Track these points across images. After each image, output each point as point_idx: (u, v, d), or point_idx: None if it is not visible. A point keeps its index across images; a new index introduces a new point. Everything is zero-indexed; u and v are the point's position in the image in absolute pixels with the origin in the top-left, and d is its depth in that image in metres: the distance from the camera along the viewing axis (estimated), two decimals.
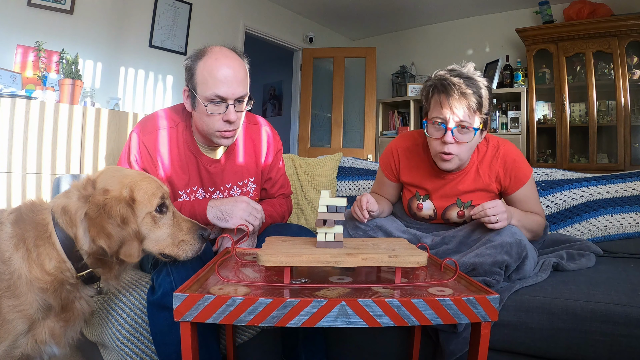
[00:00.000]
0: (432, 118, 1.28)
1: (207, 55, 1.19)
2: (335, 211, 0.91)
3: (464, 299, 0.76)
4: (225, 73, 1.17)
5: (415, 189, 1.46)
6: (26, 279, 0.84)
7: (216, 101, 1.18)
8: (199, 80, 1.18)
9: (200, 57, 1.20)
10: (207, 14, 3.95)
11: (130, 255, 0.90)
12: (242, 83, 1.20)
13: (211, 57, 1.19)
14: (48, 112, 2.31)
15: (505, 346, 1.17)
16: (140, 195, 0.94)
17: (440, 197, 1.41)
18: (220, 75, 1.16)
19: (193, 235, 1.01)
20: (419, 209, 1.45)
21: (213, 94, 1.17)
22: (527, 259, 1.22)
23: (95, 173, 0.98)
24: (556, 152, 3.86)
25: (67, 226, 0.88)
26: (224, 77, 1.16)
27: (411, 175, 1.46)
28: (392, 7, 4.65)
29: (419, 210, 1.46)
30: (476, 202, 1.36)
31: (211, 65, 1.17)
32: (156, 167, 1.28)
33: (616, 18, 3.57)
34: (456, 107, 1.23)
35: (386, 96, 5.29)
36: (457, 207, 1.41)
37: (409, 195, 1.48)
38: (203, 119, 1.21)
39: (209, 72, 1.17)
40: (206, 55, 1.20)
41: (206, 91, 1.17)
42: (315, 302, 0.74)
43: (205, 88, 1.17)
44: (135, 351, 1.18)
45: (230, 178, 1.37)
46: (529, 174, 1.34)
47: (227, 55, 1.20)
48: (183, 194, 1.32)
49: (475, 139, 1.29)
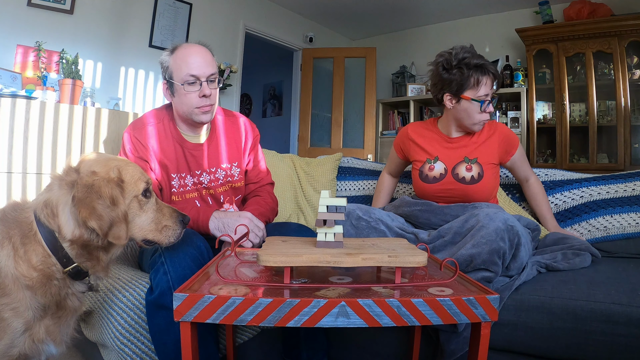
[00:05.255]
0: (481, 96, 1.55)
1: (178, 49, 1.39)
2: (335, 211, 0.91)
3: (464, 299, 0.76)
4: (195, 56, 1.36)
5: (425, 155, 1.68)
6: (13, 276, 0.84)
7: (191, 81, 1.35)
8: (174, 69, 1.37)
9: (172, 52, 1.40)
10: (207, 14, 3.95)
11: (119, 237, 0.90)
12: (210, 64, 1.39)
13: (181, 48, 1.39)
14: (48, 112, 2.31)
15: (505, 346, 1.17)
16: (128, 178, 0.95)
17: (450, 157, 1.64)
18: (191, 59, 1.35)
19: (175, 220, 1.03)
20: (431, 170, 1.64)
21: (187, 74, 1.34)
22: (521, 246, 1.25)
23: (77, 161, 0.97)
24: (556, 152, 3.86)
25: (49, 219, 0.88)
26: (194, 59, 1.35)
27: (423, 142, 1.71)
28: (392, 7, 4.65)
29: (430, 171, 1.64)
30: (481, 160, 1.59)
31: (182, 53, 1.37)
32: (149, 155, 1.39)
33: (616, 18, 3.57)
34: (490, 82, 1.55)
35: (386, 96, 5.29)
36: (465, 163, 1.60)
37: (419, 165, 1.69)
38: (182, 100, 1.37)
39: (181, 59, 1.36)
40: (177, 49, 1.39)
41: (181, 74, 1.35)
42: (315, 302, 0.74)
43: (179, 72, 1.35)
44: (135, 351, 1.18)
45: (214, 162, 1.48)
46: (518, 139, 1.68)
47: (194, 45, 1.41)
48: (176, 177, 1.43)
49: None
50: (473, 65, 1.53)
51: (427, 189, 1.63)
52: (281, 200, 2.03)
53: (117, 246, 0.96)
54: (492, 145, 1.61)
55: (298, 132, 5.08)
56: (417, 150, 1.71)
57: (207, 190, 1.47)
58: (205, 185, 1.46)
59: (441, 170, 1.62)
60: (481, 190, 1.56)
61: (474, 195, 1.56)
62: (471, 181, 1.57)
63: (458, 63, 1.54)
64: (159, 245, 1.04)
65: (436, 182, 1.62)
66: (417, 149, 1.71)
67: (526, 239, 1.29)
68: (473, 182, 1.56)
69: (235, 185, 1.52)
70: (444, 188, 1.60)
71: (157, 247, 1.19)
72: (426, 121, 1.77)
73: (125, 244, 0.95)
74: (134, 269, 1.44)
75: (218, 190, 1.48)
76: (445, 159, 1.63)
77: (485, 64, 1.53)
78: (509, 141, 1.63)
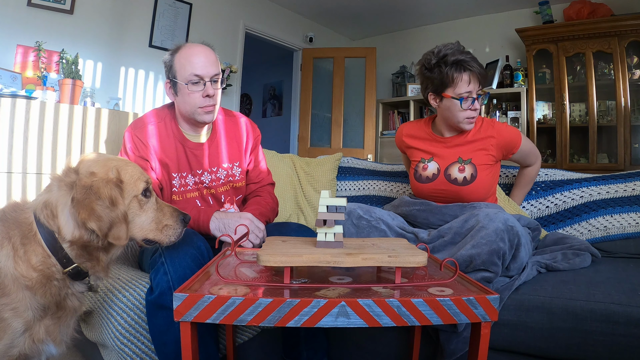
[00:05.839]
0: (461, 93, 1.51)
1: (182, 48, 1.40)
2: (335, 211, 0.91)
3: (464, 299, 0.76)
4: (199, 56, 1.36)
5: (421, 155, 1.68)
6: (12, 276, 0.84)
7: (195, 81, 1.35)
8: (177, 68, 1.37)
9: (176, 51, 1.40)
10: (207, 14, 3.95)
11: (119, 238, 0.90)
12: (214, 64, 1.39)
13: (185, 48, 1.39)
14: (48, 112, 2.31)
15: (505, 346, 1.17)
16: (127, 178, 0.95)
17: (444, 157, 1.62)
18: (195, 59, 1.36)
19: (176, 219, 1.02)
20: (424, 170, 1.64)
21: (191, 74, 1.34)
22: (521, 246, 1.25)
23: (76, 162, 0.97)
24: (556, 152, 3.86)
25: (49, 220, 0.88)
26: (198, 59, 1.36)
27: (417, 143, 1.70)
28: (392, 7, 4.65)
29: (424, 171, 1.64)
30: (475, 161, 1.56)
31: (186, 53, 1.37)
32: (150, 154, 1.39)
33: (616, 18, 3.57)
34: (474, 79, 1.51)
35: (386, 96, 5.29)
36: (458, 163, 1.58)
37: (414, 164, 1.70)
38: (185, 99, 1.37)
39: (185, 59, 1.36)
40: (181, 49, 1.40)
41: (185, 74, 1.35)
42: (315, 302, 0.74)
43: (184, 72, 1.35)
44: (135, 351, 1.18)
45: (214, 161, 1.48)
46: (519, 137, 1.60)
47: (198, 45, 1.41)
48: (177, 176, 1.42)
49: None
50: (451, 62, 1.50)
51: (421, 188, 1.64)
52: (281, 200, 2.03)
53: (117, 246, 0.95)
54: (489, 147, 1.58)
55: (298, 132, 5.08)
56: (413, 150, 1.72)
57: (208, 190, 1.47)
58: (207, 184, 1.46)
59: (434, 170, 1.62)
60: (474, 192, 1.55)
61: (467, 196, 1.56)
62: (463, 182, 1.56)
63: (438, 61, 1.52)
64: (159, 245, 1.04)
65: (429, 182, 1.61)
66: (412, 149, 1.72)
67: (526, 240, 1.29)
68: (465, 184, 1.55)
69: (236, 185, 1.52)
70: (437, 188, 1.60)
71: (157, 247, 1.19)
72: (419, 120, 1.76)
73: (126, 244, 0.95)
74: (134, 269, 1.44)
75: (219, 190, 1.48)
76: (439, 158, 1.63)
77: (465, 59, 1.49)
78: (508, 146, 1.59)
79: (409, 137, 1.73)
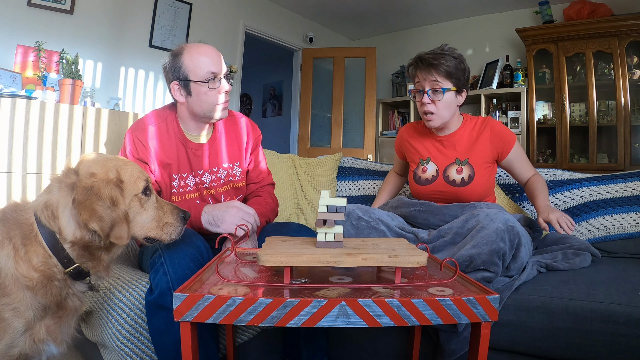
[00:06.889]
0: (413, 88, 1.60)
1: (187, 49, 1.38)
2: (335, 211, 0.91)
3: (464, 299, 0.76)
4: (210, 55, 1.37)
5: (419, 156, 1.69)
6: (13, 276, 0.84)
7: (211, 78, 1.35)
8: (189, 69, 1.35)
9: (180, 54, 1.37)
10: (207, 14, 3.95)
11: (120, 237, 0.90)
12: (223, 61, 1.42)
13: (192, 48, 1.38)
14: (48, 112, 2.31)
15: (505, 346, 1.17)
16: (127, 177, 0.95)
17: (441, 158, 1.63)
18: (208, 58, 1.36)
19: (176, 217, 1.03)
20: (423, 172, 1.65)
21: (208, 72, 1.35)
22: (521, 246, 1.25)
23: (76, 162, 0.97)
24: (556, 152, 3.86)
25: (49, 221, 0.88)
26: (210, 57, 1.36)
27: (417, 144, 1.72)
28: (392, 7, 4.65)
29: (423, 173, 1.65)
30: (472, 161, 1.57)
31: (196, 52, 1.36)
32: (149, 156, 1.38)
33: (616, 18, 3.57)
34: (426, 74, 1.54)
35: (386, 96, 5.29)
36: (456, 164, 1.59)
37: (414, 166, 1.71)
38: (202, 98, 1.36)
39: (197, 58, 1.35)
40: (186, 50, 1.37)
41: (200, 72, 1.34)
42: (315, 302, 0.74)
43: (199, 70, 1.35)
44: (135, 351, 1.18)
45: (215, 161, 1.47)
46: (514, 136, 1.61)
47: (204, 44, 1.41)
48: (177, 177, 1.42)
49: (448, 98, 1.54)
50: (413, 60, 1.58)
51: (421, 190, 1.64)
52: (281, 200, 2.03)
53: (118, 246, 0.96)
54: (484, 143, 1.58)
55: (298, 132, 5.08)
56: (412, 152, 1.73)
57: (208, 190, 1.47)
58: (207, 185, 1.46)
59: (433, 172, 1.63)
60: (473, 192, 1.55)
61: (466, 197, 1.56)
62: (461, 183, 1.56)
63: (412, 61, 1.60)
64: (159, 244, 1.04)
65: (428, 184, 1.62)
66: (412, 150, 1.73)
67: (526, 239, 1.29)
68: (463, 185, 1.56)
69: (236, 185, 1.52)
70: (436, 190, 1.60)
71: (157, 247, 1.19)
72: (420, 121, 1.76)
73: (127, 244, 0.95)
74: (134, 269, 1.44)
75: (219, 190, 1.48)
76: (437, 160, 1.63)
77: (424, 56, 1.54)
78: (501, 138, 1.57)
79: (410, 136, 1.74)
